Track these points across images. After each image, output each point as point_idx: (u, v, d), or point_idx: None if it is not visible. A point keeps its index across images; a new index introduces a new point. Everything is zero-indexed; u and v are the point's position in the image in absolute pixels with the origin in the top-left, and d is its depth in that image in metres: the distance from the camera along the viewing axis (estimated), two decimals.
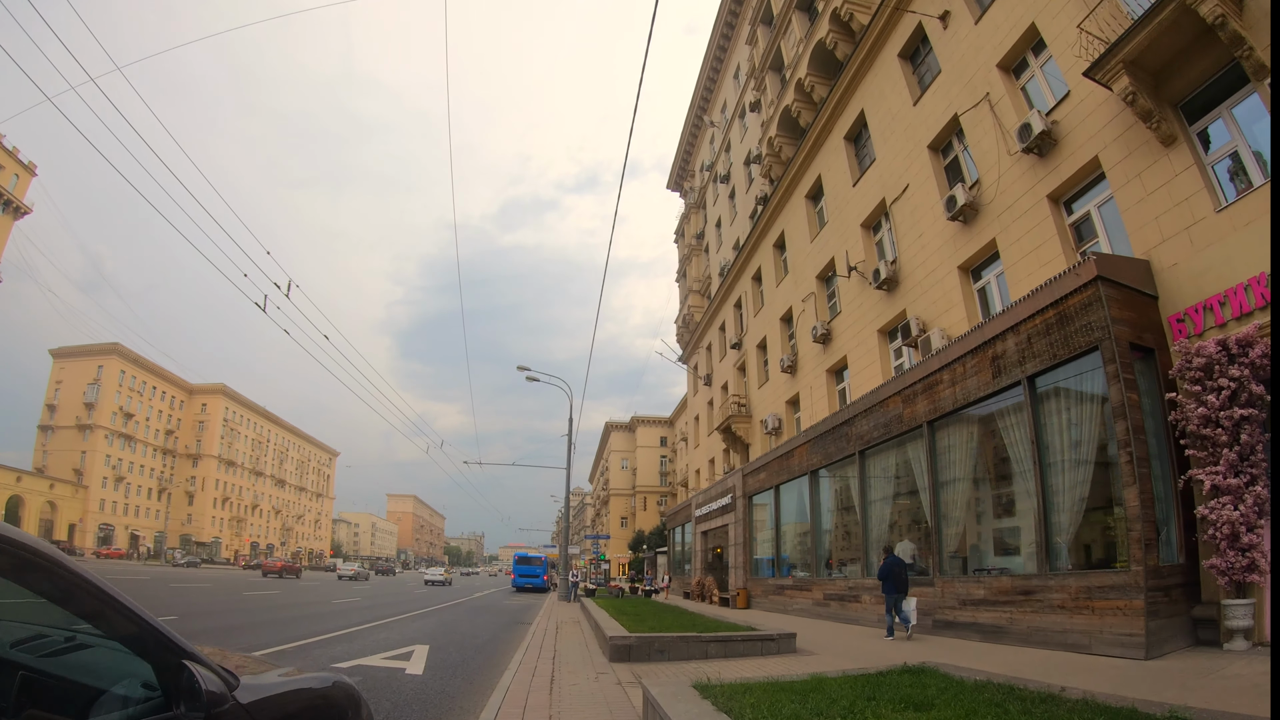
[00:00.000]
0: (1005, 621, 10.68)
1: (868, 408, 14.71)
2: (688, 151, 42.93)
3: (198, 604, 16.78)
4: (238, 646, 9.92)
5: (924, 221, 16.25)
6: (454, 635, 12.52)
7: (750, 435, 26.21)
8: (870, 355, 17.86)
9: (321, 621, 13.95)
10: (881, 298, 17.65)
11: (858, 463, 14.95)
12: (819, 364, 20.54)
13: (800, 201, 23.70)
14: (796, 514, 18.46)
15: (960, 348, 12.22)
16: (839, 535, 16.37)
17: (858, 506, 15.06)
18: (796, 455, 17.99)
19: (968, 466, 12.18)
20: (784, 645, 9.66)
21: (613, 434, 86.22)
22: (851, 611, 14.57)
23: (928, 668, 6.40)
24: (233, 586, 25.68)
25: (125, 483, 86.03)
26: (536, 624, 14.48)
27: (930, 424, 12.88)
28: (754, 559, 21.39)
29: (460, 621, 15.66)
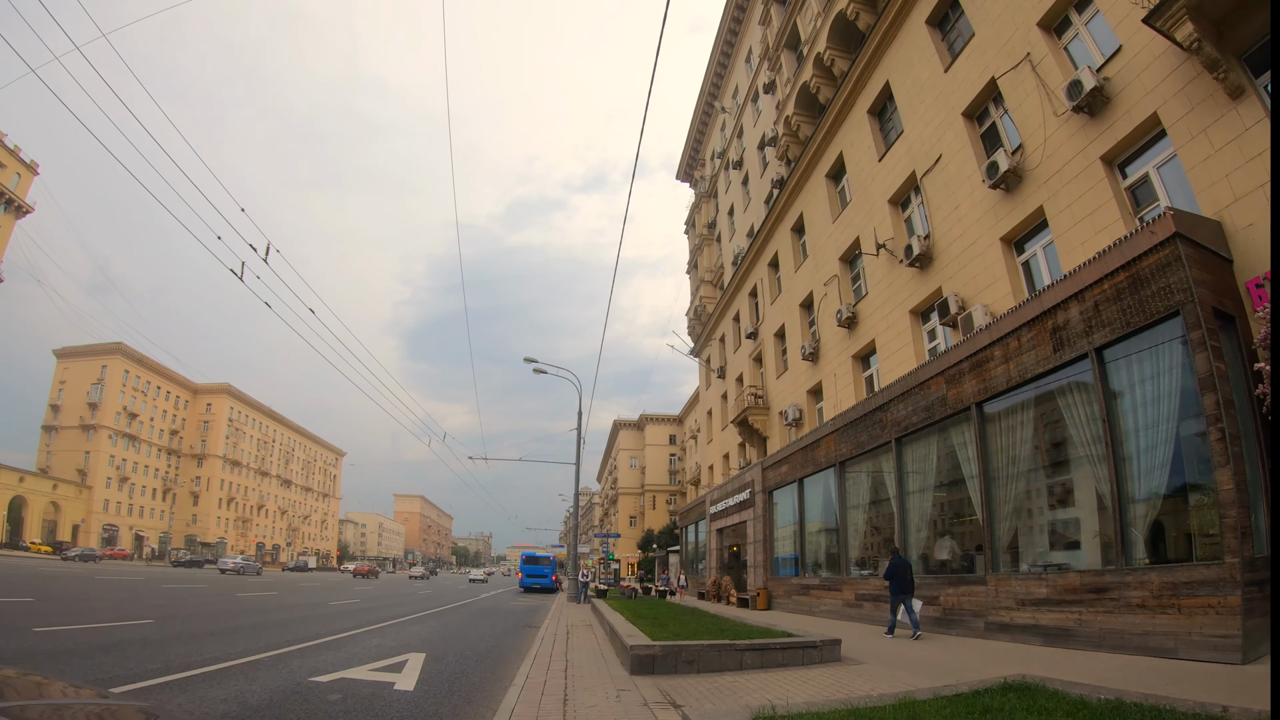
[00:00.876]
0: (1073, 623, 9.49)
1: (905, 391, 13.50)
2: (698, 140, 41.78)
3: (184, 607, 15.69)
4: (209, 655, 8.77)
5: (960, 192, 15.11)
6: (455, 641, 11.37)
7: (768, 428, 24.99)
8: (901, 338, 16.64)
9: (312, 626, 12.83)
10: (913, 276, 16.45)
11: (893, 451, 13.74)
12: (844, 350, 19.32)
13: (820, 182, 22.52)
14: (823, 509, 17.24)
15: (1014, 320, 11.04)
16: (871, 531, 15.15)
17: (893, 499, 13.85)
18: (823, 446, 16.77)
19: (1024, 451, 10.96)
20: (828, 653, 8.46)
21: (621, 432, 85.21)
22: (887, 613, 13.35)
23: (1031, 684, 5.21)
24: (228, 588, 24.60)
25: (129, 483, 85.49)
26: (545, 628, 13.32)
27: (979, 405, 11.67)
28: (774, 557, 20.17)
29: (463, 625, 14.53)
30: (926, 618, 12.20)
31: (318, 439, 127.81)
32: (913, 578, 11.67)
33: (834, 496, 16.27)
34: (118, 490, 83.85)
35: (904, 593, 11.47)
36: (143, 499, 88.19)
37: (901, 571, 11.54)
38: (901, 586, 11.48)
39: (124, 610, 13.76)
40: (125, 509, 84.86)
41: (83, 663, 7.18)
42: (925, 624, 12.12)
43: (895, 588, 11.55)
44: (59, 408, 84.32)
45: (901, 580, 11.50)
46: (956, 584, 11.74)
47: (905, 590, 11.47)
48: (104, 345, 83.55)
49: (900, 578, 11.51)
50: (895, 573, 11.56)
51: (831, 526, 16.81)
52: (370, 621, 14.09)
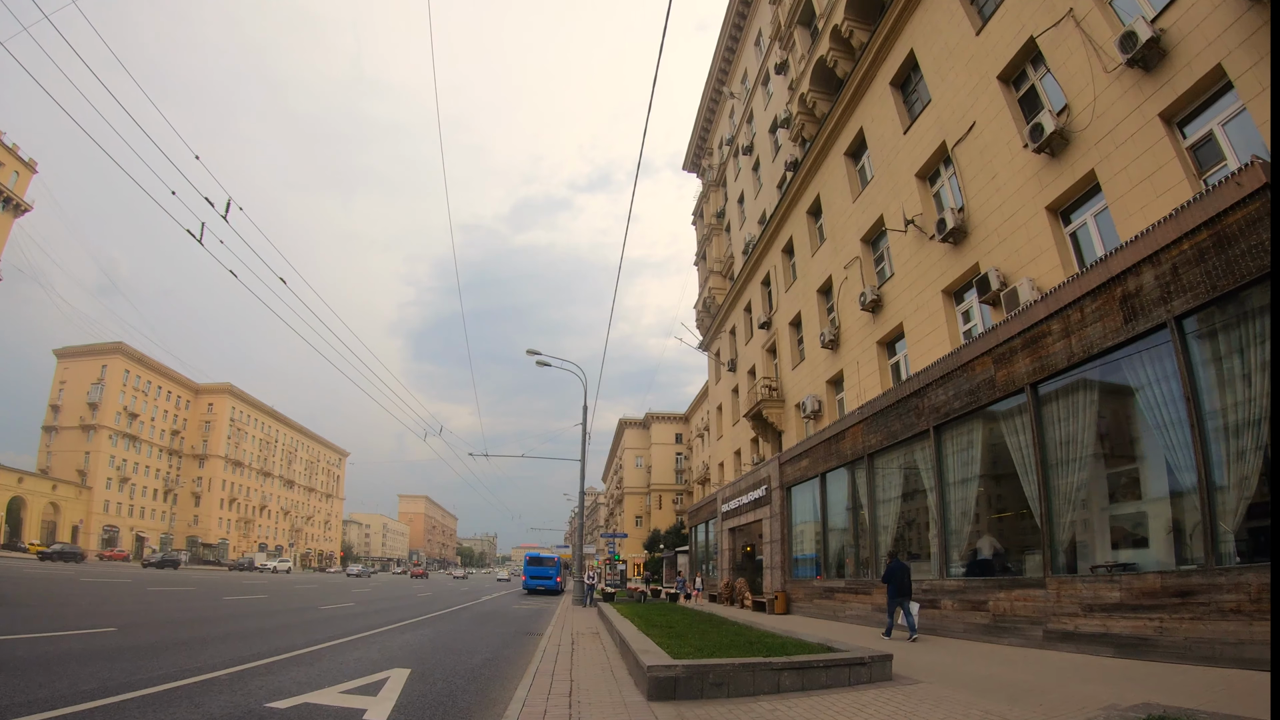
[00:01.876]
0: (1153, 631, 8.25)
1: (945, 374, 12.24)
2: (705, 128, 40.59)
3: (159, 613, 14.51)
4: (159, 672, 7.49)
5: (998, 160, 13.96)
6: (446, 654, 10.16)
7: (784, 421, 23.73)
8: (933, 319, 15.41)
9: (292, 634, 11.64)
10: (946, 253, 15.24)
11: (931, 440, 12.48)
12: (868, 335, 18.07)
13: (838, 160, 21.30)
14: (848, 505, 15.98)
15: (1075, 289, 9.80)
16: (904, 528, 13.90)
17: (930, 492, 12.61)
18: (848, 437, 15.51)
19: (1087, 436, 9.70)
20: (878, 671, 7.22)
21: (627, 431, 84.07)
22: (926, 619, 12.10)
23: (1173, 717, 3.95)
24: (217, 590, 23.42)
25: (130, 483, 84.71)
26: (548, 636, 12.10)
27: (1034, 387, 10.42)
28: (793, 558, 18.91)
29: (459, 633, 13.31)
30: (973, 624, 11.01)
31: (321, 439, 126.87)
32: (910, 581, 11.62)
33: (862, 491, 15.02)
34: (118, 491, 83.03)
35: (902, 595, 11.44)
36: (143, 500, 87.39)
37: (900, 575, 11.51)
38: (900, 589, 11.44)
39: (89, 616, 12.60)
40: (126, 510, 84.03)
41: None
42: (971, 631, 10.96)
43: (893, 590, 11.50)
44: (59, 408, 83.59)
45: (900, 583, 11.47)
46: (1008, 587, 10.49)
47: (904, 593, 11.44)
48: (104, 345, 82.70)
49: (899, 580, 11.48)
50: (893, 575, 11.54)
51: (859, 524, 15.58)
52: (358, 629, 12.90)
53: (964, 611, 11.24)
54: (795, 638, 8.80)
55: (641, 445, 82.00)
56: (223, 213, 10.61)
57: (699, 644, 8.12)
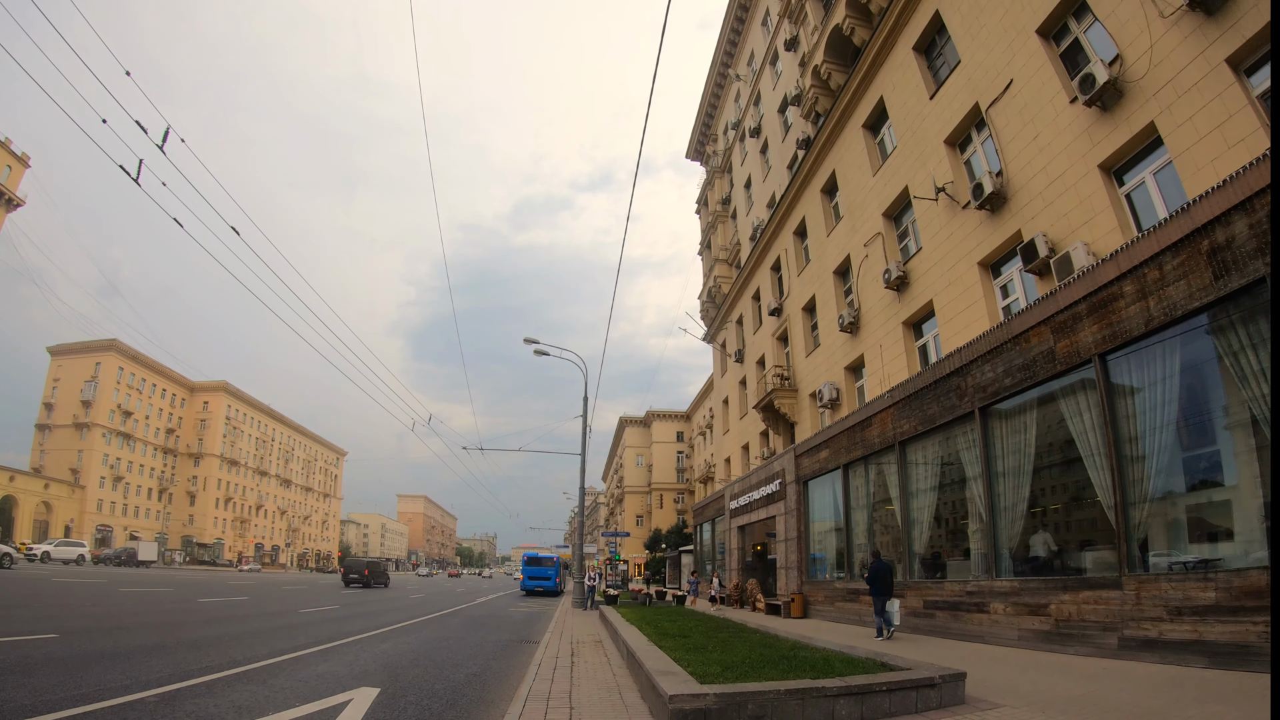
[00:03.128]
0: (1255, 638, 6.92)
1: (992, 348, 10.88)
2: (709, 114, 39.26)
3: (117, 616, 13.15)
4: (76, 690, 6.01)
5: (1041, 119, 12.71)
6: (428, 666, 8.80)
7: (797, 412, 22.36)
8: (968, 295, 14.07)
9: (256, 643, 10.29)
10: (982, 221, 13.91)
11: (977, 423, 11.10)
12: (892, 316, 16.70)
13: (856, 133, 19.97)
14: (875, 498, 14.62)
15: (1152, 244, 8.48)
16: (943, 522, 12.53)
17: (976, 482, 11.24)
18: (876, 424, 14.13)
19: (1169, 413, 8.36)
20: (949, 693, 5.86)
21: (627, 429, 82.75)
22: (972, 625, 10.75)
23: None
24: (192, 592, 22.04)
25: (124, 482, 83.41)
26: (546, 644, 10.74)
27: (1102, 358, 9.07)
28: (810, 557, 17.52)
29: (446, 641, 11.94)
30: (1029, 631, 9.67)
31: (318, 438, 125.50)
32: (893, 580, 11.83)
33: (892, 483, 13.64)
34: (111, 490, 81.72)
35: (884, 594, 11.55)
36: (138, 499, 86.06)
37: (883, 574, 11.68)
38: (883, 589, 11.57)
39: (41, 621, 11.24)
40: (120, 509, 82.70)
41: None
42: (1027, 639, 9.64)
43: (876, 590, 11.61)
44: (52, 406, 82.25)
45: (883, 583, 11.61)
46: (1075, 588, 9.13)
47: (886, 592, 11.57)
48: (98, 342, 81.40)
49: (882, 580, 11.63)
50: (877, 575, 11.69)
51: (887, 520, 14.24)
52: (332, 636, 11.52)
53: (1018, 616, 9.89)
54: (838, 651, 7.43)
55: (642, 444, 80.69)
56: (159, 143, 9.27)
57: (723, 659, 6.75)
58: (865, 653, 7.17)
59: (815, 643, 8.50)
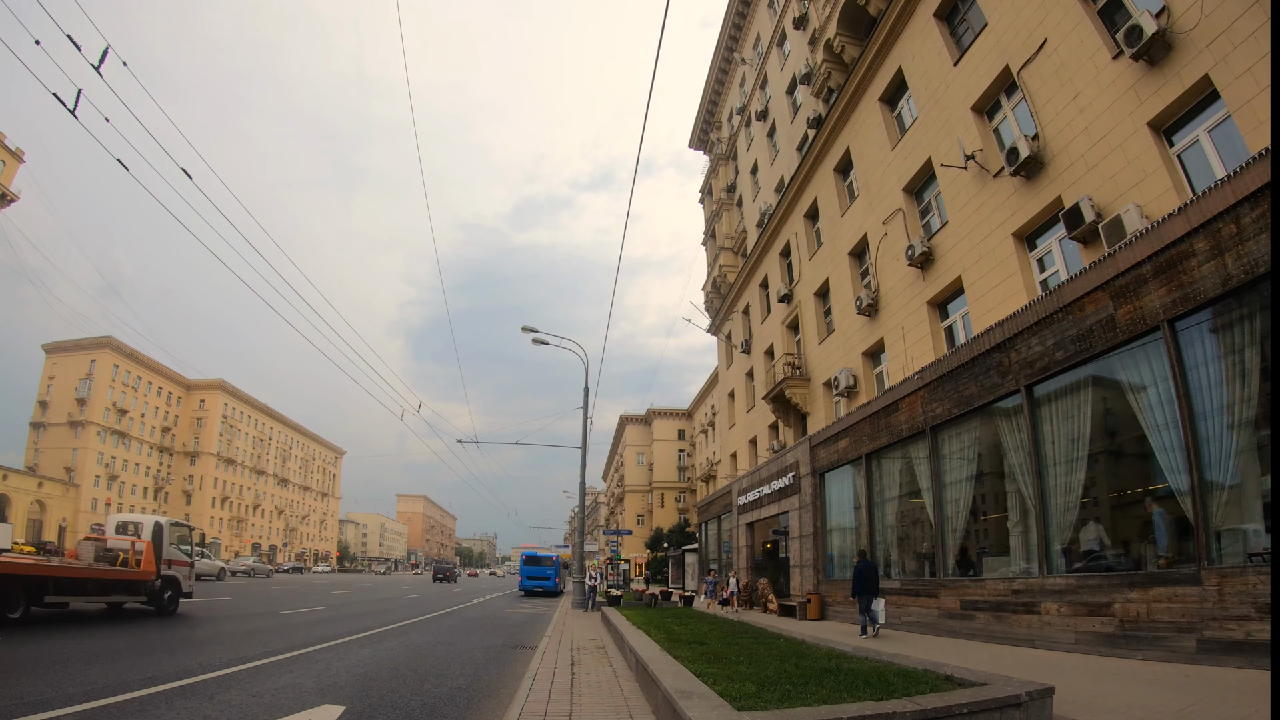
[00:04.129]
0: None
1: (1041, 319, 9.74)
2: (713, 101, 38.14)
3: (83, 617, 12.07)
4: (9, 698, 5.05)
5: (1080, 77, 11.69)
6: (407, 678, 7.68)
7: (809, 402, 21.23)
8: (1002, 268, 12.98)
9: (217, 648, 9.19)
10: (1017, 189, 12.82)
11: (1023, 403, 9.97)
12: (915, 296, 15.59)
13: (872, 107, 18.86)
14: (903, 489, 13.48)
15: (1227, 194, 7.37)
16: (982, 514, 11.38)
17: (1019, 470, 10.11)
18: (904, 409, 12.99)
19: (1249, 386, 7.25)
20: (1035, 712, 4.75)
21: (628, 428, 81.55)
22: (1020, 627, 9.62)
23: None
24: None
25: (119, 481, 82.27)
26: (543, 651, 9.62)
27: (1171, 324, 7.96)
28: (828, 555, 16.38)
29: (434, 646, 10.83)
30: (1088, 633, 8.56)
31: (316, 437, 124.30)
32: (878, 580, 11.89)
33: (922, 473, 12.50)
34: (106, 489, 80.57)
35: (870, 593, 11.60)
36: (133, 498, 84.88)
37: (868, 574, 11.75)
38: (867, 588, 11.63)
39: None
40: (115, 508, 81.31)
41: None
42: (1086, 642, 8.55)
43: (861, 587, 11.67)
44: (47, 404, 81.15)
45: (868, 582, 11.68)
46: (1145, 584, 8.00)
47: (871, 591, 11.62)
48: (93, 340, 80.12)
49: (867, 579, 11.69)
50: (862, 575, 11.75)
51: (916, 513, 13.12)
52: (307, 641, 10.42)
53: (1075, 617, 8.77)
54: (886, 660, 6.31)
55: (643, 442, 79.52)
56: (96, 64, 8.19)
57: (753, 673, 5.63)
58: (920, 663, 6.06)
59: (848, 649, 7.39)
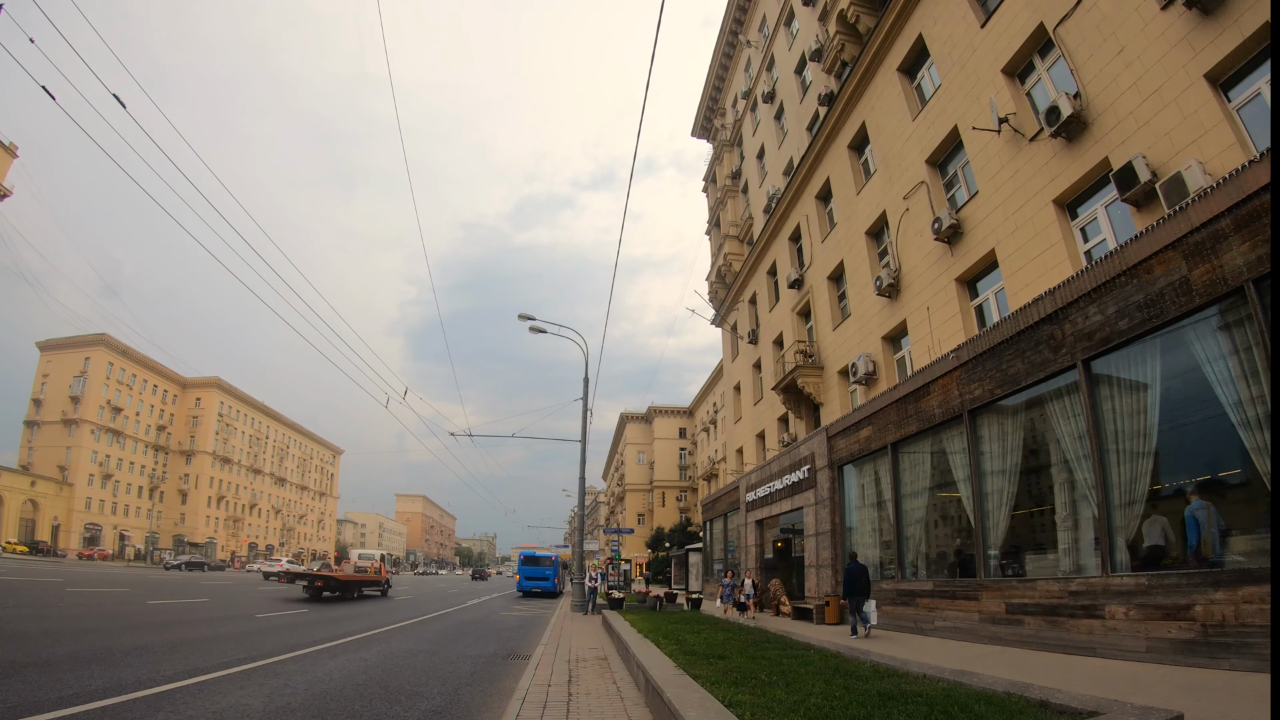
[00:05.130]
0: None
1: (1100, 284, 8.57)
2: (717, 87, 37.03)
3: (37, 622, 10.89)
4: None
5: (1126, 30, 10.72)
6: (374, 699, 6.53)
7: (823, 392, 20.06)
8: (1041, 239, 11.85)
9: (176, 656, 8.02)
10: (1057, 152, 11.72)
11: (1080, 380, 8.79)
12: (942, 273, 14.44)
13: (890, 78, 17.73)
14: (934, 481, 12.28)
15: None
16: (1029, 508, 10.19)
17: (1080, 455, 8.94)
18: (937, 392, 11.79)
19: None
20: None
21: (628, 426, 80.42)
22: (1079, 633, 8.45)
23: None
24: (146, 592, 19.74)
25: (114, 480, 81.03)
26: (537, 662, 8.46)
27: (1256, 284, 6.84)
28: (848, 553, 15.19)
29: (415, 656, 9.67)
30: (1162, 640, 7.41)
31: (314, 436, 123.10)
32: (869, 582, 11.94)
33: (958, 462, 11.32)
34: (100, 488, 79.39)
35: (862, 595, 11.68)
36: (128, 497, 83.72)
37: (859, 576, 11.79)
38: (858, 590, 11.69)
39: None
40: (109, 507, 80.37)
41: None
42: (1160, 649, 7.40)
43: (853, 590, 11.72)
44: (41, 402, 79.97)
45: (860, 584, 11.73)
46: (1231, 584, 6.84)
47: (863, 594, 11.71)
48: (87, 337, 78.85)
49: (859, 581, 11.75)
50: (853, 577, 11.78)
51: (949, 507, 11.96)
52: (279, 649, 9.26)
53: (1147, 621, 7.62)
54: (951, 679, 5.14)
55: (644, 440, 78.37)
56: None
57: (794, 698, 4.47)
58: (994, 683, 4.90)
59: (894, 663, 6.23)
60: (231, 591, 23.69)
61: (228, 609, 16.15)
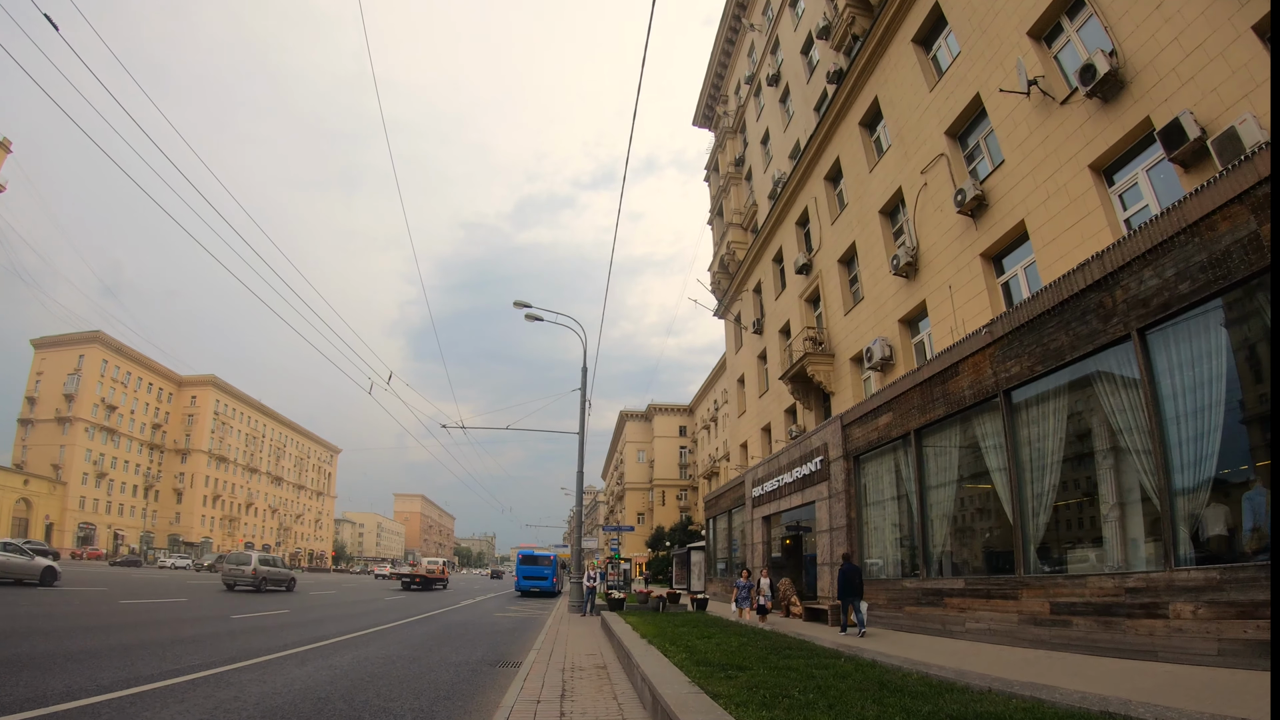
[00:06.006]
0: None
1: (1156, 245, 7.61)
2: (719, 74, 36.10)
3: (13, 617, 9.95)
4: None
5: None
6: (336, 714, 5.59)
7: (833, 380, 19.10)
8: (1076, 208, 10.92)
9: (123, 661, 7.07)
10: (1092, 114, 10.83)
11: (1135, 351, 7.83)
12: (965, 248, 13.49)
13: (904, 49, 16.79)
14: (963, 470, 11.28)
15: None
16: (1079, 496, 9.19)
17: (1137, 434, 7.98)
18: (967, 371, 10.80)
19: None
20: None
21: (628, 424, 79.45)
22: (1139, 635, 7.49)
23: None
24: (125, 592, 18.79)
25: (108, 479, 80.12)
26: (527, 673, 7.51)
27: None
28: (863, 550, 14.22)
29: (391, 664, 8.71)
30: (1235, 641, 6.47)
31: (311, 435, 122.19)
32: (862, 582, 12.00)
33: (993, 448, 10.32)
34: (95, 487, 78.49)
35: (855, 596, 11.72)
36: (122, 496, 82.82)
37: (852, 576, 11.85)
38: (852, 590, 11.75)
39: None
40: (103, 506, 79.47)
41: None
42: (1235, 652, 6.48)
43: (846, 590, 11.79)
44: (35, 400, 78.98)
45: (853, 585, 11.78)
46: None
47: (855, 594, 11.73)
48: (81, 334, 77.86)
49: (852, 582, 11.81)
50: (846, 578, 11.85)
51: (982, 499, 11.00)
52: (239, 655, 8.31)
53: (1219, 621, 6.67)
54: (1031, 697, 4.19)
55: (644, 439, 77.39)
56: None
57: None
58: (1095, 702, 3.94)
59: (947, 674, 5.28)
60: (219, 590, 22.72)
61: (207, 609, 15.22)
